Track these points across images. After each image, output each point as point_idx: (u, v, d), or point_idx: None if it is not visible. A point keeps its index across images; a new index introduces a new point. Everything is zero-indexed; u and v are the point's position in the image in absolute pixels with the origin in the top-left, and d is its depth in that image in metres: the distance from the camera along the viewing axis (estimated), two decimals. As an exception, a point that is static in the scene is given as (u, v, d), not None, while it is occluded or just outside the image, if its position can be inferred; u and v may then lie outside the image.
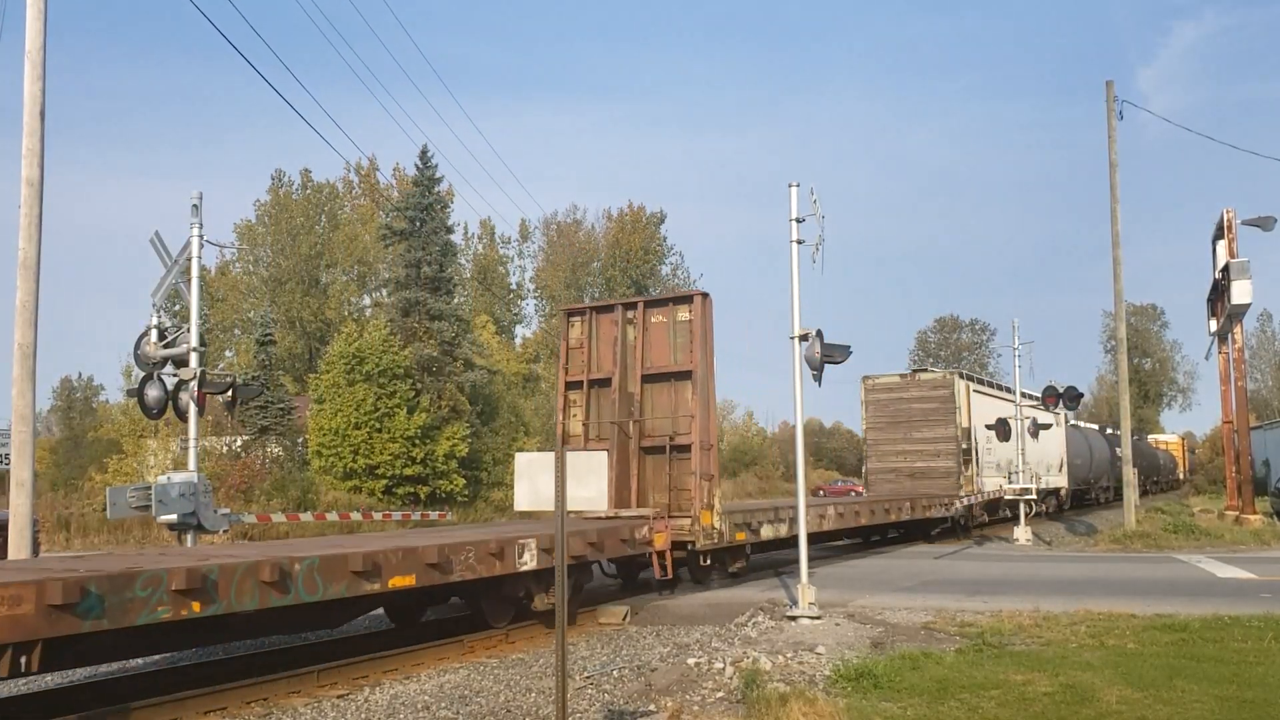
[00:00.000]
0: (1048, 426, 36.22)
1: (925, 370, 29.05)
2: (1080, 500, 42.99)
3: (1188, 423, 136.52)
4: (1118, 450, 47.23)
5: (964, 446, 28.64)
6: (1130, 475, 27.29)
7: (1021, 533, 26.05)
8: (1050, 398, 27.06)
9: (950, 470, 28.29)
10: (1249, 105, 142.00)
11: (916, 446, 28.82)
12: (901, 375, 29.43)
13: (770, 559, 20.28)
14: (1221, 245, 27.31)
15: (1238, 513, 27.67)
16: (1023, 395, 33.55)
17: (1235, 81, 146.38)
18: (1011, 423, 27.51)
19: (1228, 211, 27.23)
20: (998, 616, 12.41)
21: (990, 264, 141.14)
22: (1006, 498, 27.81)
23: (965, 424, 28.93)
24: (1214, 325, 29.82)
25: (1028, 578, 17.51)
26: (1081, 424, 48.19)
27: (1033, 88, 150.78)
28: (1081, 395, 28.26)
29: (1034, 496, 29.78)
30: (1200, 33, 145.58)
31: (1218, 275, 27.94)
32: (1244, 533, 25.09)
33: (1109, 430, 52.43)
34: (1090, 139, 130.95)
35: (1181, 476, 73.16)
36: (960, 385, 28.76)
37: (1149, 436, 70.20)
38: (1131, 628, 11.41)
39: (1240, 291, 25.96)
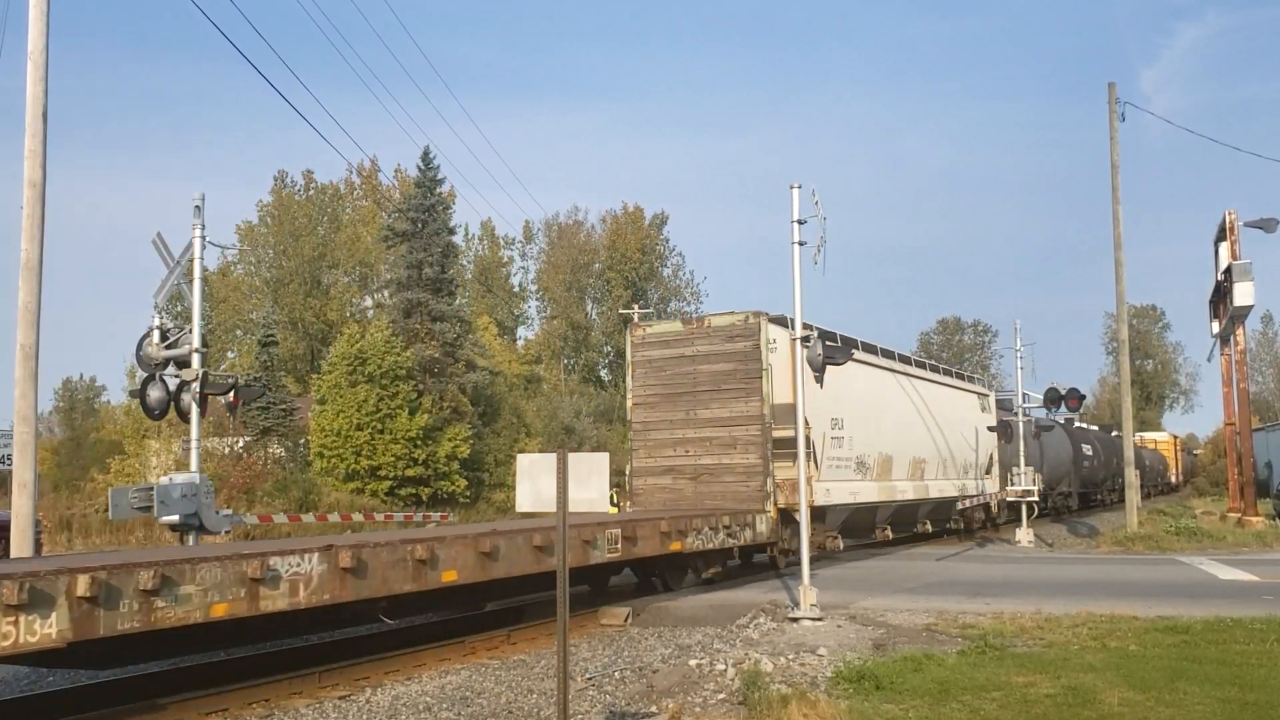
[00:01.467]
0: (1050, 428, 35.08)
1: (720, 313, 19.21)
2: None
3: (1190, 424, 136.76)
4: (1085, 449, 40.05)
5: (779, 434, 17.92)
6: (1132, 477, 27.28)
7: (1023, 534, 26.03)
8: (1057, 397, 26.87)
9: (753, 469, 18.02)
10: (1251, 106, 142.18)
11: (704, 432, 18.64)
12: (685, 322, 19.66)
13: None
14: (1223, 247, 27.32)
15: (1240, 515, 27.66)
16: (905, 361, 24.47)
17: (1237, 83, 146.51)
18: (1015, 423, 27.31)
19: (1230, 213, 27.24)
20: (999, 618, 12.40)
21: (992, 265, 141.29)
22: (1009, 500, 27.20)
23: (788, 397, 17.39)
24: (1216, 327, 29.82)
25: (1029, 579, 17.50)
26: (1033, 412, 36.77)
27: (1034, 88, 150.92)
28: (1084, 397, 28.21)
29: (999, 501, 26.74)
30: (1202, 33, 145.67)
31: (1220, 277, 27.94)
32: (1246, 535, 25.09)
33: (1078, 424, 42.72)
34: (1092, 140, 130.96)
35: (1174, 480, 66.68)
36: (774, 335, 18.13)
37: (1137, 435, 66.08)
38: (1133, 629, 11.40)
39: (1242, 293, 25.98)
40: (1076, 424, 39.70)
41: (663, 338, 19.40)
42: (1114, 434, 51.15)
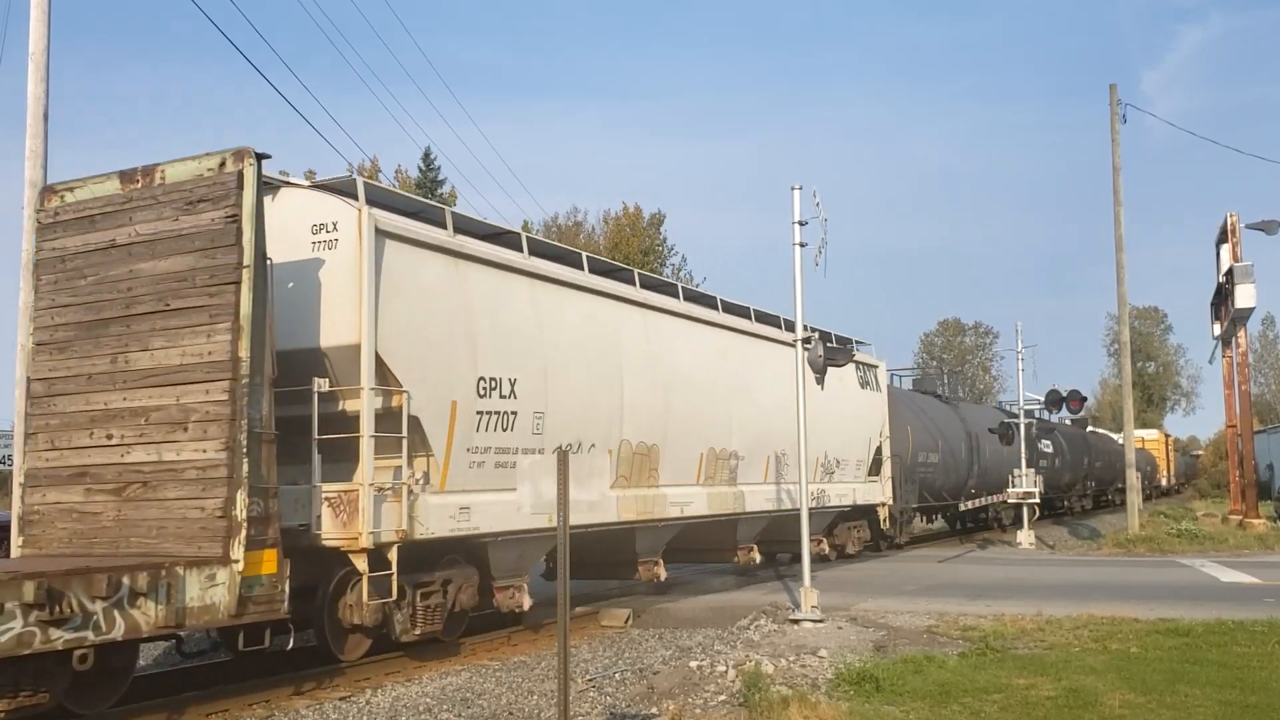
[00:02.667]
0: (1019, 427, 34.72)
1: (181, 159, 8.89)
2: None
3: (1191, 426, 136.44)
4: (1043, 446, 33.88)
5: (348, 405, 9.85)
6: (1134, 479, 27.30)
7: (1024, 536, 26.00)
8: (1058, 399, 26.68)
9: (212, 472, 8.39)
10: (1253, 108, 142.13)
11: (139, 398, 8.93)
12: (126, 178, 9.39)
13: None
14: (1225, 249, 27.34)
15: (1241, 517, 27.67)
16: (700, 300, 15.86)
17: (1240, 85, 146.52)
18: (1017, 424, 27.16)
19: (1231, 215, 27.27)
20: (1000, 620, 12.39)
21: (993, 267, 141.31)
22: (1010, 501, 26.96)
23: (353, 335, 9.70)
24: (1218, 329, 29.81)
25: (1030, 581, 17.49)
26: (944, 396, 31.08)
27: (1036, 90, 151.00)
28: (1085, 399, 28.21)
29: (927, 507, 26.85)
30: (1206, 35, 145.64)
31: (1221, 279, 27.95)
32: (1247, 537, 25.11)
33: (1041, 414, 31.64)
34: (1093, 142, 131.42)
35: (1166, 482, 61.46)
36: (330, 215, 10.03)
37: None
38: (1134, 632, 11.39)
39: (1244, 295, 26.01)
40: (1041, 414, 31.68)
41: (86, 210, 9.76)
42: (1089, 429, 46.79)
